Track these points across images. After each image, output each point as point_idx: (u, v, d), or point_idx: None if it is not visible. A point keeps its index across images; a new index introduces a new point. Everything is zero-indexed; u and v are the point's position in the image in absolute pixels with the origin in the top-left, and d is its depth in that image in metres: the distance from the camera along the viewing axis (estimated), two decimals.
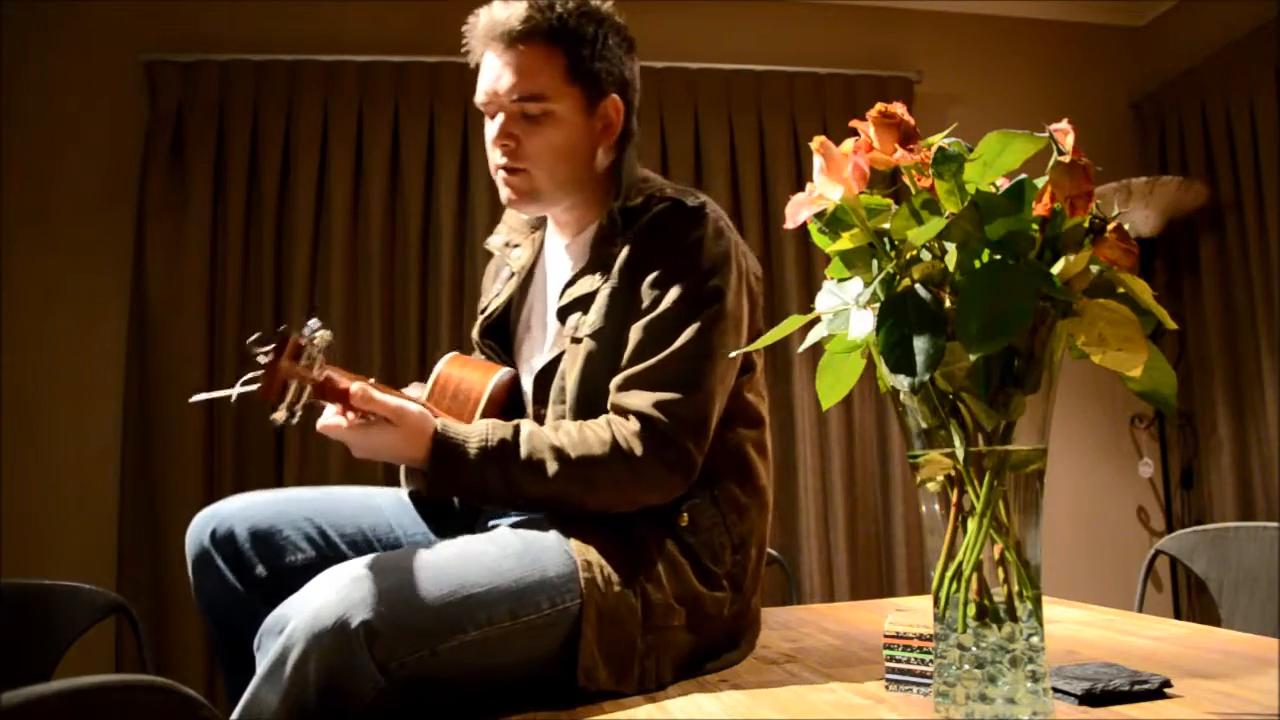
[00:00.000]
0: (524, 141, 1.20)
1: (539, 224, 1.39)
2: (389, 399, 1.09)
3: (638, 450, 1.09)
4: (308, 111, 2.72)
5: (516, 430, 1.11)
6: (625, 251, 1.18)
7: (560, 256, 1.32)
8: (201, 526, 1.17)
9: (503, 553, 1.04)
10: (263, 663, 0.91)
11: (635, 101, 1.30)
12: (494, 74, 1.20)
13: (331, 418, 1.12)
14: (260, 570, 1.14)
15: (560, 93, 1.19)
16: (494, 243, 1.42)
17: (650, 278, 1.15)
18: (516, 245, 1.39)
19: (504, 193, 1.25)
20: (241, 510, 1.17)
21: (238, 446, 2.59)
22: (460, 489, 1.12)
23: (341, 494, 1.27)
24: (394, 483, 1.32)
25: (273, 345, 1.02)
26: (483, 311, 1.39)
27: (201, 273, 2.62)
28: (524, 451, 1.09)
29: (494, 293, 1.40)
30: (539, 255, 1.37)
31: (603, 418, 1.13)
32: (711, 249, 1.16)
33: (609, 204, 1.23)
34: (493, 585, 0.99)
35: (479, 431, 1.10)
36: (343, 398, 1.08)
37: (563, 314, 1.22)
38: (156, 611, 2.45)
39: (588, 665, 1.02)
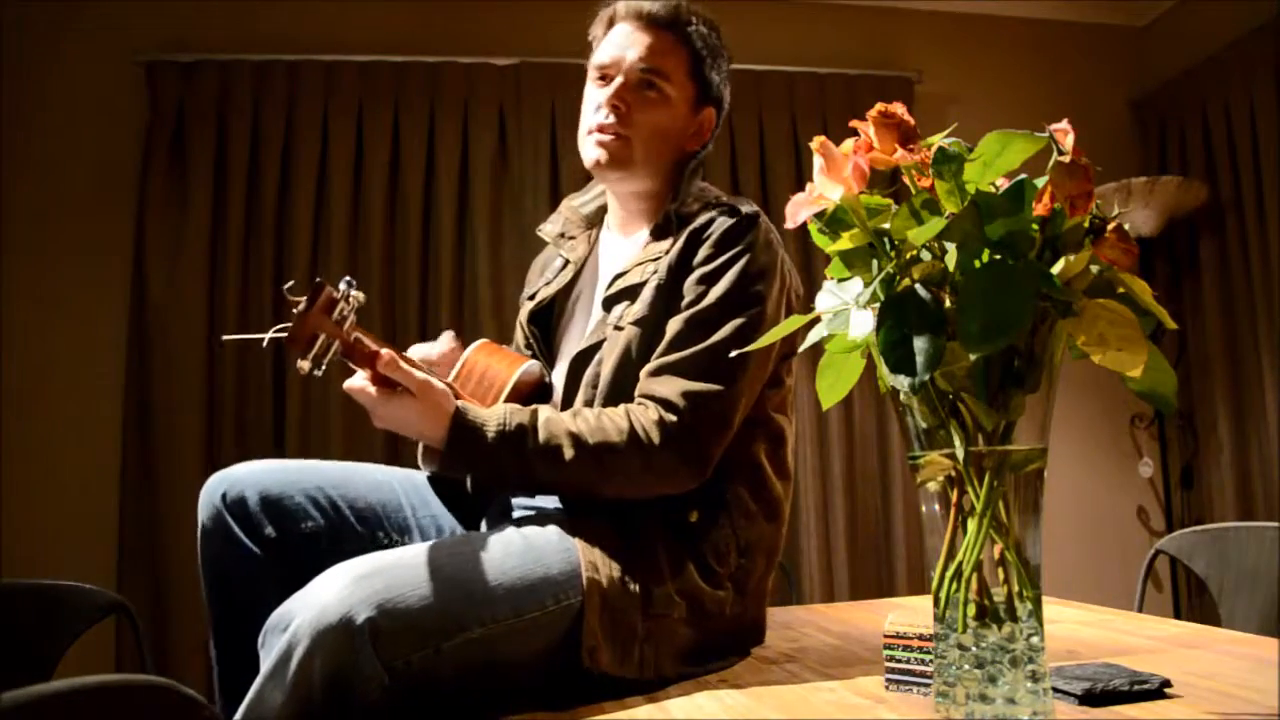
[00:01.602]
0: (635, 110, 1.26)
1: (596, 220, 1.42)
2: (416, 372, 1.09)
3: (655, 439, 1.10)
4: (308, 111, 2.72)
5: (534, 415, 1.11)
6: (677, 249, 1.21)
7: (614, 252, 1.35)
8: (214, 488, 1.17)
9: (506, 551, 1.04)
10: (267, 660, 0.91)
11: (719, 125, 1.37)
12: (626, 41, 1.28)
13: (358, 380, 1.11)
14: (269, 532, 1.15)
15: (680, 82, 1.28)
16: (548, 230, 1.45)
17: (696, 274, 1.18)
18: (572, 237, 1.42)
19: (596, 154, 1.27)
20: (254, 474, 1.18)
21: (238, 446, 2.58)
22: (475, 470, 1.13)
23: (355, 468, 1.28)
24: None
25: (306, 296, 1.03)
26: (531, 297, 1.42)
27: (202, 272, 2.62)
28: (541, 437, 1.09)
29: (544, 281, 1.42)
30: (593, 250, 1.40)
31: (622, 406, 1.14)
32: (760, 256, 1.19)
33: (668, 205, 1.27)
34: (497, 583, 1.00)
35: (498, 415, 1.10)
36: (371, 362, 1.08)
37: (609, 303, 1.24)
38: (156, 611, 2.45)
39: (591, 645, 1.03)
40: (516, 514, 1.25)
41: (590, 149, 1.28)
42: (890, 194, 0.79)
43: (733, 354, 1.12)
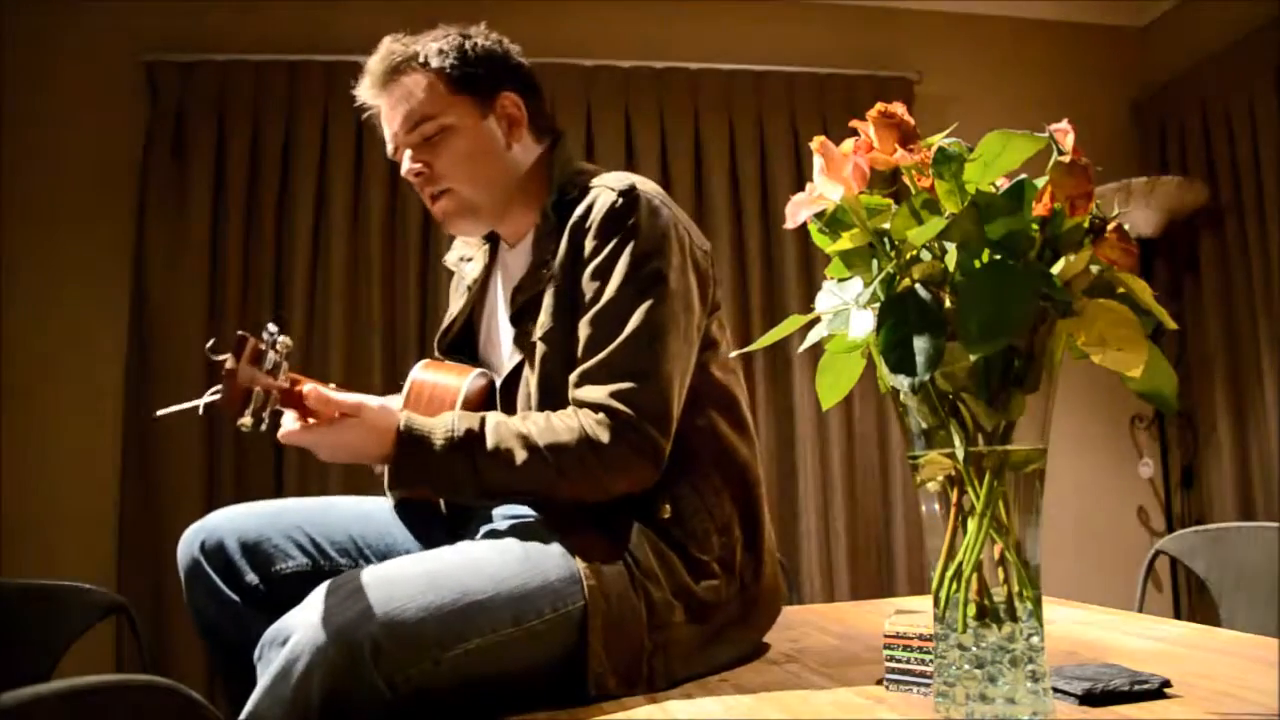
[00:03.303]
0: (433, 163, 1.23)
1: (492, 237, 1.38)
2: (346, 396, 1.07)
3: (604, 438, 1.07)
4: (308, 111, 2.71)
5: (483, 421, 1.09)
6: (562, 248, 1.17)
7: (509, 264, 1.32)
8: (191, 539, 1.17)
9: (503, 559, 1.03)
10: (265, 676, 0.90)
11: (536, 93, 1.30)
12: (387, 119, 1.25)
13: (290, 424, 1.09)
14: (251, 578, 1.15)
15: (447, 106, 1.22)
16: (449, 259, 1.43)
17: (589, 270, 1.14)
18: (470, 259, 1.39)
19: (443, 222, 1.27)
20: (230, 521, 1.18)
21: (238, 446, 2.59)
22: (428, 482, 1.09)
23: (332, 503, 1.27)
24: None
25: (231, 352, 0.99)
26: (445, 328, 1.39)
27: (201, 273, 2.62)
28: (491, 441, 1.07)
29: (454, 307, 1.40)
30: (493, 266, 1.37)
31: (570, 407, 1.12)
32: (647, 231, 1.14)
33: (544, 203, 1.23)
34: (495, 592, 0.99)
35: (444, 423, 1.08)
36: (300, 402, 1.05)
37: (515, 320, 1.22)
38: (156, 611, 2.45)
39: (597, 672, 1.02)
40: (500, 525, 1.24)
41: (439, 219, 1.27)
42: (890, 194, 0.79)
43: (642, 335, 1.10)
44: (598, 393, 1.09)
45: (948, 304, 0.76)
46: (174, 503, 2.48)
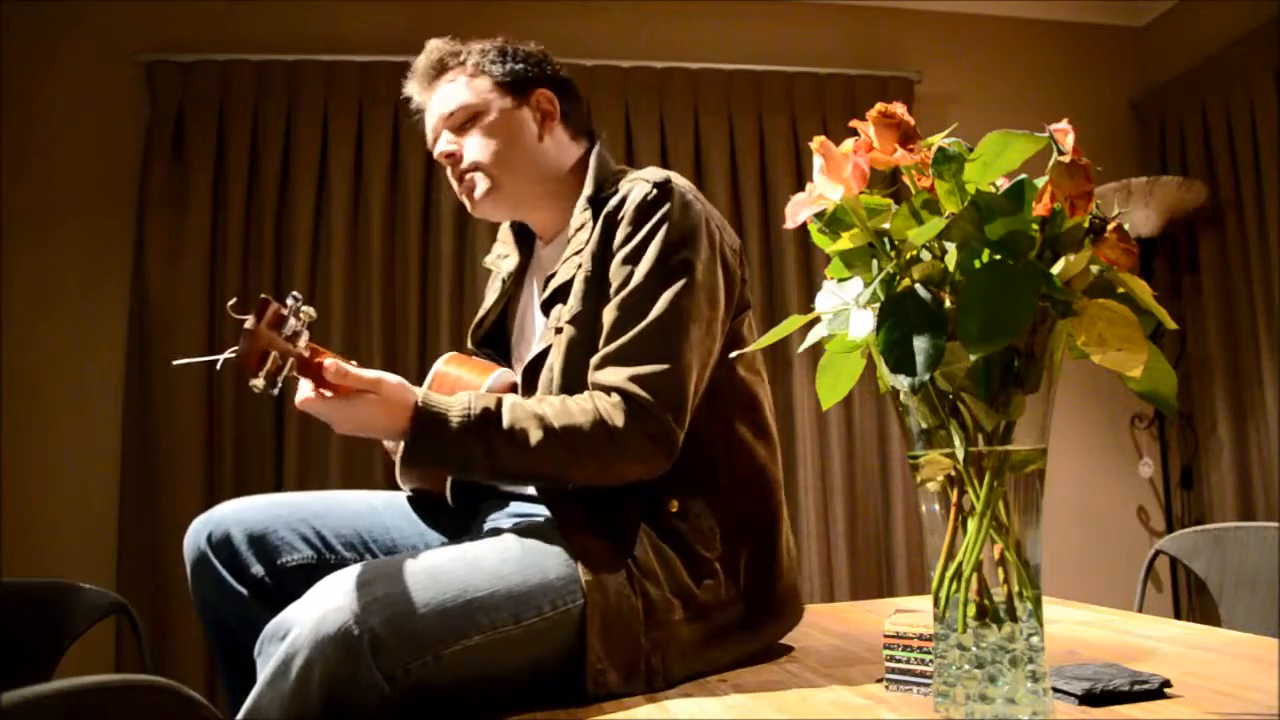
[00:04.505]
0: (464, 145, 1.28)
1: (530, 236, 1.40)
2: (365, 371, 1.07)
3: (619, 422, 1.08)
4: (308, 111, 2.71)
5: (499, 401, 1.09)
6: (595, 236, 1.19)
7: (544, 260, 1.34)
8: (198, 531, 1.17)
9: (503, 557, 1.04)
10: (265, 670, 0.91)
11: (573, 96, 1.36)
12: (430, 111, 1.32)
13: (309, 393, 1.09)
14: (257, 570, 1.15)
15: (483, 99, 1.29)
16: (488, 259, 1.47)
17: (619, 256, 1.16)
18: (506, 256, 1.42)
19: (469, 204, 1.30)
20: (237, 513, 1.18)
21: (238, 446, 2.59)
22: (442, 460, 1.09)
23: (337, 497, 1.28)
24: (393, 485, 1.32)
25: (253, 313, 1.00)
26: (478, 320, 1.41)
27: (201, 273, 2.62)
28: (506, 421, 1.07)
29: (488, 300, 1.42)
30: (529, 263, 1.39)
31: (586, 392, 1.12)
32: (678, 223, 1.16)
33: (584, 194, 1.25)
34: (494, 589, 0.99)
35: (461, 401, 1.08)
36: (318, 373, 1.05)
37: (546, 307, 1.23)
38: (156, 611, 2.45)
39: (596, 670, 1.02)
40: (505, 523, 1.24)
41: (466, 203, 1.31)
42: (890, 194, 0.79)
43: (665, 322, 1.12)
44: (617, 375, 1.10)
45: (948, 304, 0.76)
46: (174, 503, 2.48)
